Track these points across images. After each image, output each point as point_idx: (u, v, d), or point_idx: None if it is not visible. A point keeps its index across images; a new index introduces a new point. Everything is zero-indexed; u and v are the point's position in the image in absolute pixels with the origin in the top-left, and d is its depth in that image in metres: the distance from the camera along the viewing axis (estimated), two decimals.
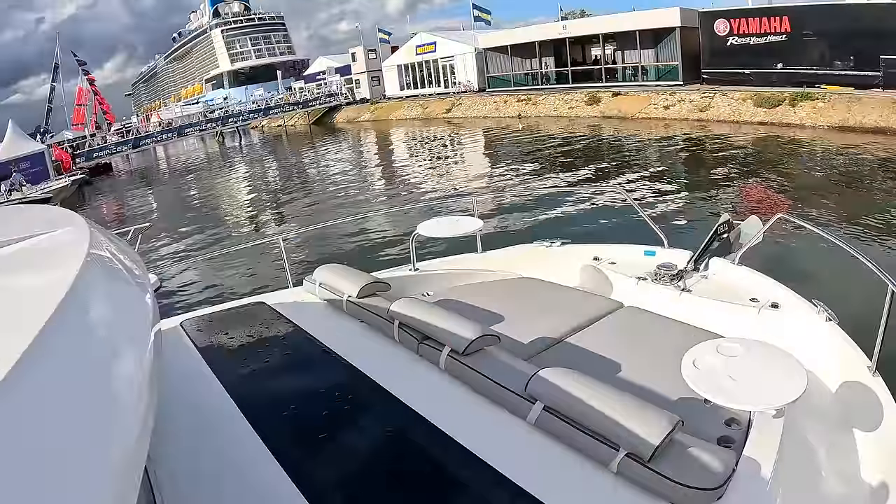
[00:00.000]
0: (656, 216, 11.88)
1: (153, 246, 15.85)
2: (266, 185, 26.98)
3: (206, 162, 41.88)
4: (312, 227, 10.75)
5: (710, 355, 2.58)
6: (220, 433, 2.48)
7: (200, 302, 9.82)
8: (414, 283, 4.72)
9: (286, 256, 4.90)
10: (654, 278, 4.47)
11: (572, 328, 3.79)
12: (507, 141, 27.14)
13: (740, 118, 22.50)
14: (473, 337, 2.77)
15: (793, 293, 3.84)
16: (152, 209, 25.40)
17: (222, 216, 19.59)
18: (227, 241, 14.63)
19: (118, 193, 32.15)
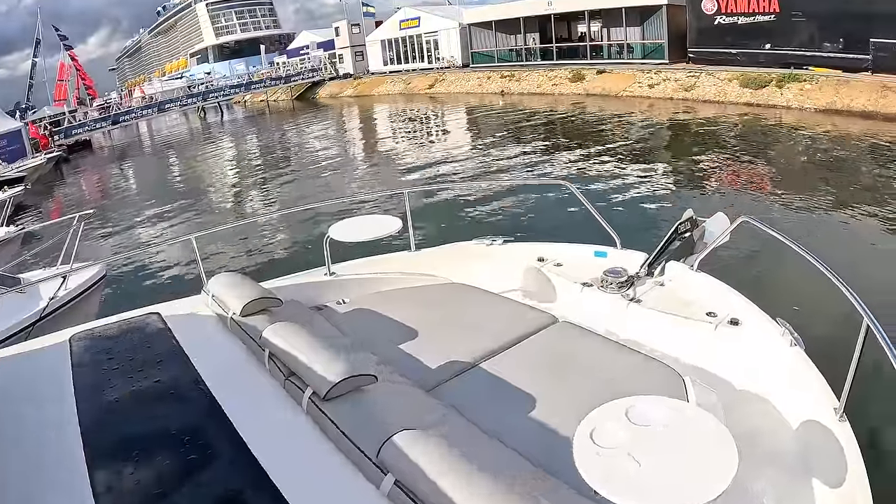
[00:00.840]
0: (626, 202, 11.68)
1: (112, 229, 15.59)
2: (242, 162, 26.56)
3: (186, 138, 41.33)
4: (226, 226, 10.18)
5: (615, 423, 2.01)
6: (50, 476, 2.22)
7: (143, 293, 9.52)
8: (329, 290, 4.37)
9: (199, 257, 4.39)
10: (601, 285, 4.09)
11: (493, 349, 3.41)
12: (489, 118, 26.79)
13: (726, 98, 22.17)
14: (337, 379, 2.41)
15: (755, 308, 3.48)
16: (125, 187, 25.15)
17: (193, 195, 19.10)
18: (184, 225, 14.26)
19: (95, 170, 31.69)
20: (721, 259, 3.96)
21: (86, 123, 40.81)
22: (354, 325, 3.84)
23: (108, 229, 15.94)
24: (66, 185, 28.12)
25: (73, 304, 7.54)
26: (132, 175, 28.71)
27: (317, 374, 2.46)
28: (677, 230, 4.25)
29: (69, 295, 7.49)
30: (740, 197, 11.53)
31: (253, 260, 10.79)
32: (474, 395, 2.96)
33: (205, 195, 19.15)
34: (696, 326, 3.53)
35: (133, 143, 43.18)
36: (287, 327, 2.86)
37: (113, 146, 42.42)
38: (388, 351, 3.43)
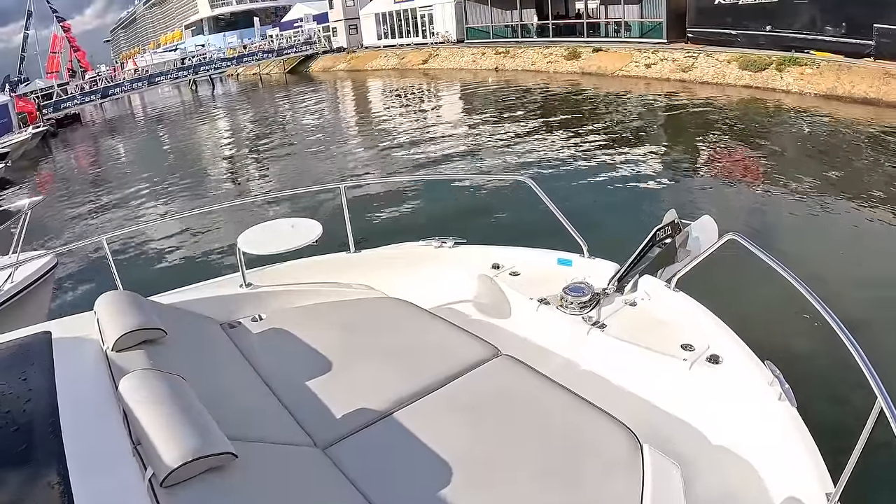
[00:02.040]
0: (609, 193, 11.16)
1: (72, 213, 15.21)
2: (231, 139, 25.95)
3: (176, 111, 40.58)
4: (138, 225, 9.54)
5: None
6: None
7: (93, 288, 9.05)
8: (245, 303, 3.85)
9: (112, 262, 3.89)
10: (560, 304, 3.56)
11: (415, 392, 2.88)
12: (482, 95, 26.18)
13: (724, 80, 21.51)
14: (175, 464, 1.89)
15: (740, 343, 2.96)
16: (110, 163, 24.54)
17: (177, 172, 18.65)
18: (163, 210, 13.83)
19: (83, 145, 31.10)
20: (704, 272, 3.42)
21: (75, 97, 40.13)
22: (264, 349, 3.37)
23: (86, 209, 15.51)
24: (52, 160, 27.60)
25: (22, 296, 7.18)
26: (119, 150, 28.17)
27: (156, 453, 1.96)
28: (655, 237, 3.73)
29: (15, 288, 7.13)
30: (736, 184, 11.04)
31: (175, 261, 10.13)
32: (378, 456, 2.51)
33: (189, 172, 18.60)
34: (667, 363, 3.05)
35: (123, 117, 42.51)
36: (147, 375, 2.34)
37: (103, 119, 41.83)
38: (291, 390, 2.98)
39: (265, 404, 2.84)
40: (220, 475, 2.00)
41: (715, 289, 4.03)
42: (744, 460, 2.62)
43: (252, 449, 2.29)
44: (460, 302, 4.07)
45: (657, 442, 2.70)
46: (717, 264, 3.48)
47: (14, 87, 44.76)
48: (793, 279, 2.61)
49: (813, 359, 4.05)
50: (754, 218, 9.14)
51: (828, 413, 2.72)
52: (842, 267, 7.21)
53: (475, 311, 4.01)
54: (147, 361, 2.64)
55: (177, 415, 2.11)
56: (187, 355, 2.95)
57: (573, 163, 13.47)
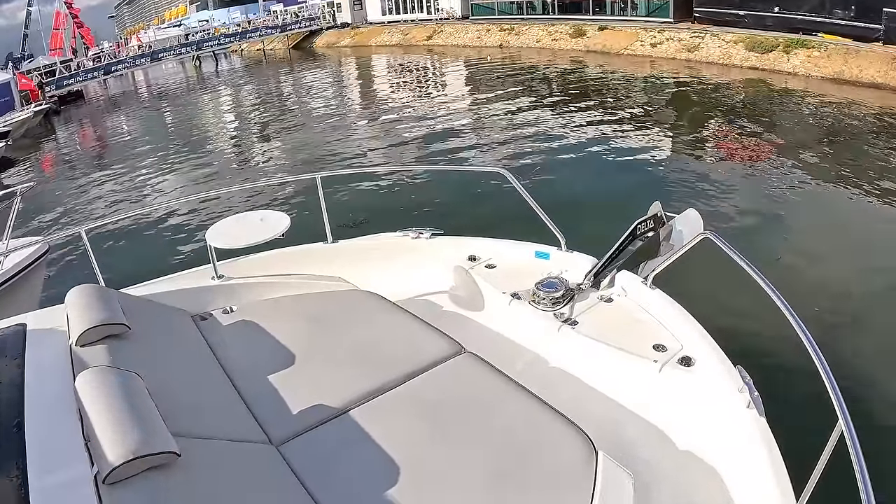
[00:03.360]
0: (604, 176, 11.07)
1: (72, 193, 15.21)
2: (234, 115, 25.92)
3: (179, 88, 40.41)
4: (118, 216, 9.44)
5: None
6: None
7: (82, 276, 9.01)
8: (217, 295, 3.85)
9: (92, 255, 3.92)
10: (533, 299, 3.50)
11: (374, 389, 2.85)
12: (486, 73, 25.98)
13: (730, 61, 21.29)
14: (118, 461, 1.90)
15: (713, 345, 2.89)
16: (112, 140, 24.47)
17: (179, 149, 18.61)
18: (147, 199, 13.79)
19: (85, 123, 31.01)
20: (683, 270, 3.34)
21: (77, 74, 39.96)
22: (231, 342, 3.35)
23: (86, 188, 15.51)
24: (54, 138, 27.53)
25: (13, 283, 7.19)
26: (122, 127, 28.06)
27: (101, 450, 1.98)
28: (636, 230, 3.64)
29: (5, 275, 7.13)
30: (737, 169, 10.91)
31: (156, 251, 9.99)
32: (330, 454, 2.49)
33: (191, 150, 18.55)
34: (637, 363, 2.99)
35: (127, 94, 42.31)
36: (96, 375, 2.33)
37: (107, 96, 41.64)
38: (252, 385, 2.97)
39: (224, 399, 2.82)
40: (163, 473, 2.01)
41: (693, 287, 3.98)
42: (708, 468, 2.59)
43: (201, 446, 2.29)
44: (434, 294, 4.03)
45: (621, 445, 2.68)
46: (698, 262, 3.42)
47: (17, 64, 44.56)
48: (766, 285, 2.55)
49: (784, 367, 3.98)
50: (755, 203, 9.03)
51: (796, 424, 2.67)
52: (843, 252, 7.15)
53: (449, 303, 3.97)
54: (107, 357, 2.65)
55: (124, 413, 2.12)
56: (150, 350, 2.94)
57: (569, 145, 13.38)
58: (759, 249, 7.10)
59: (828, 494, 2.10)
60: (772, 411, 2.49)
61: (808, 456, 2.05)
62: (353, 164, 12.91)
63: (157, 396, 2.36)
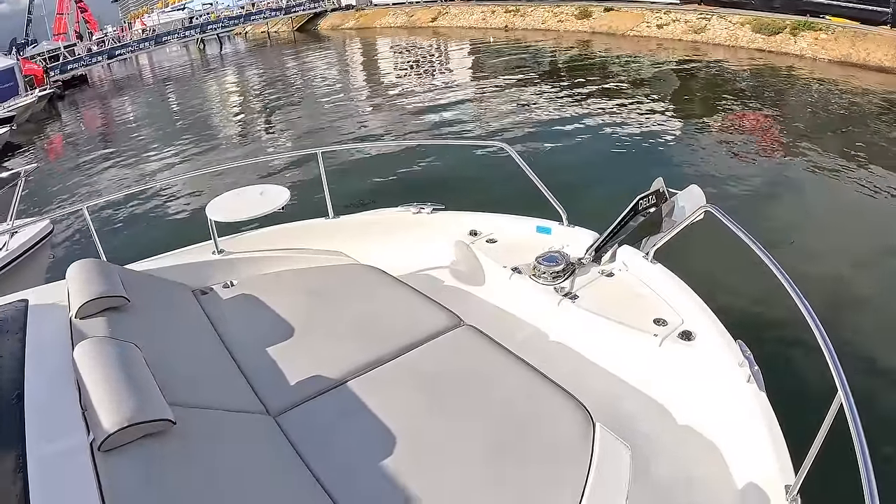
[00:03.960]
0: (607, 155, 10.98)
1: (76, 175, 15.24)
2: (238, 98, 25.76)
3: (184, 71, 40.31)
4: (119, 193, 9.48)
5: None
6: None
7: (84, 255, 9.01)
8: (217, 270, 3.88)
9: (94, 231, 4.01)
10: (533, 273, 3.51)
11: (370, 361, 2.85)
12: (491, 55, 25.73)
13: (737, 43, 21.04)
14: (112, 429, 1.93)
15: (713, 320, 2.89)
16: (116, 123, 24.47)
17: (184, 132, 18.61)
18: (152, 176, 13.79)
19: (89, 107, 31.00)
20: (685, 245, 3.33)
21: (81, 58, 39.93)
22: (231, 315, 3.37)
23: (90, 170, 15.54)
24: (58, 122, 27.58)
25: (18, 263, 7.24)
26: (126, 110, 28.05)
27: (97, 418, 2.00)
28: (638, 206, 3.62)
29: (10, 255, 7.19)
30: (742, 150, 10.80)
31: (159, 227, 10.11)
32: (327, 425, 2.51)
33: (196, 132, 18.56)
34: (637, 337, 2.98)
35: (131, 78, 42.25)
36: (94, 346, 2.36)
37: (111, 80, 41.59)
38: (251, 357, 2.99)
39: (222, 371, 2.85)
40: (158, 441, 2.03)
41: (695, 262, 3.96)
42: (707, 442, 2.59)
43: (198, 416, 2.31)
44: (436, 269, 4.05)
45: (620, 419, 2.68)
46: (700, 237, 3.41)
47: (21, 49, 44.44)
48: (768, 259, 2.53)
49: (785, 341, 3.99)
50: (759, 183, 8.99)
51: (796, 399, 2.66)
52: (847, 232, 7.13)
53: (450, 277, 3.98)
54: (106, 328, 2.68)
55: (121, 381, 2.14)
56: (150, 322, 2.97)
57: (572, 124, 13.30)
58: (763, 230, 7.06)
59: (826, 469, 2.10)
60: (772, 386, 2.49)
61: (807, 430, 2.04)
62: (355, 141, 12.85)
63: (155, 367, 2.38)
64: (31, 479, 1.89)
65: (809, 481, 2.06)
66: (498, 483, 2.17)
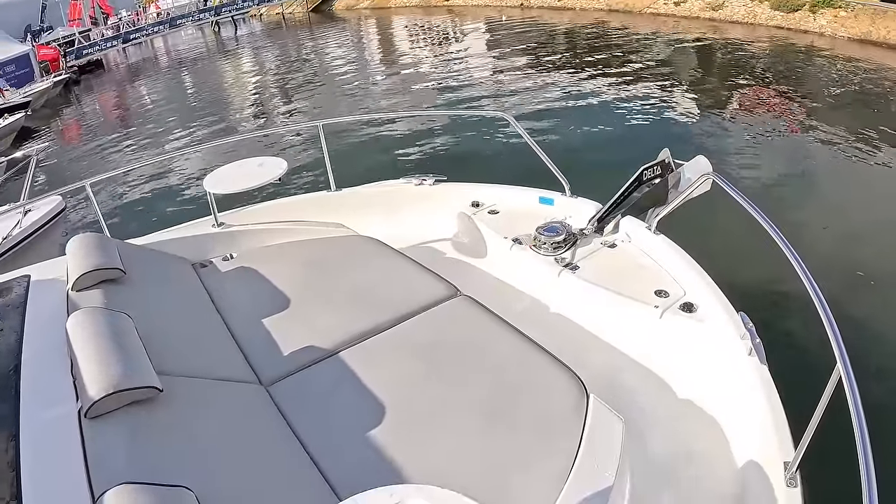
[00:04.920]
0: (618, 129, 10.86)
1: (92, 157, 15.33)
2: (254, 80, 25.75)
3: (199, 54, 40.27)
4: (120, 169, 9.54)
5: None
6: None
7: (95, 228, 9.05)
8: (217, 243, 3.90)
9: (98, 206, 4.11)
10: (534, 244, 3.48)
11: (365, 331, 2.84)
12: (508, 34, 25.44)
13: (755, 20, 20.65)
14: (98, 395, 1.94)
15: (716, 291, 2.83)
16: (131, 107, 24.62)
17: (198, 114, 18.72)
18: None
19: (104, 91, 31.23)
20: (689, 215, 3.27)
21: (96, 43, 40.09)
22: (229, 287, 3.38)
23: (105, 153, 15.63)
24: (74, 107, 27.79)
25: (32, 240, 7.34)
26: (141, 94, 28.17)
27: (84, 386, 2.02)
28: (642, 176, 3.53)
29: (24, 233, 7.28)
30: (757, 127, 10.63)
31: (165, 202, 10.22)
32: (319, 395, 2.50)
33: (210, 113, 18.68)
34: (638, 309, 2.93)
35: (146, 61, 42.32)
36: (87, 316, 2.37)
37: (126, 64, 41.74)
38: (247, 328, 2.98)
39: (216, 341, 2.85)
40: (145, 408, 2.05)
41: (699, 233, 3.89)
42: (706, 416, 2.54)
43: (188, 384, 2.32)
44: (437, 241, 4.03)
45: (618, 391, 2.64)
46: (704, 209, 3.34)
47: (36, 35, 44.65)
48: (772, 230, 2.47)
49: (788, 315, 3.93)
50: (773, 161, 8.85)
51: (797, 373, 2.58)
52: (858, 210, 7.01)
53: (452, 249, 3.97)
54: (101, 299, 2.70)
55: (111, 350, 2.16)
56: (146, 294, 2.98)
57: (583, 99, 13.28)
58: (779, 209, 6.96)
59: (827, 445, 2.05)
60: (774, 359, 2.43)
61: (808, 405, 1.99)
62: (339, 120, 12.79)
63: (147, 338, 2.39)
64: (23, 446, 1.91)
65: (808, 457, 2.02)
66: (489, 452, 2.15)
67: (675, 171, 3.58)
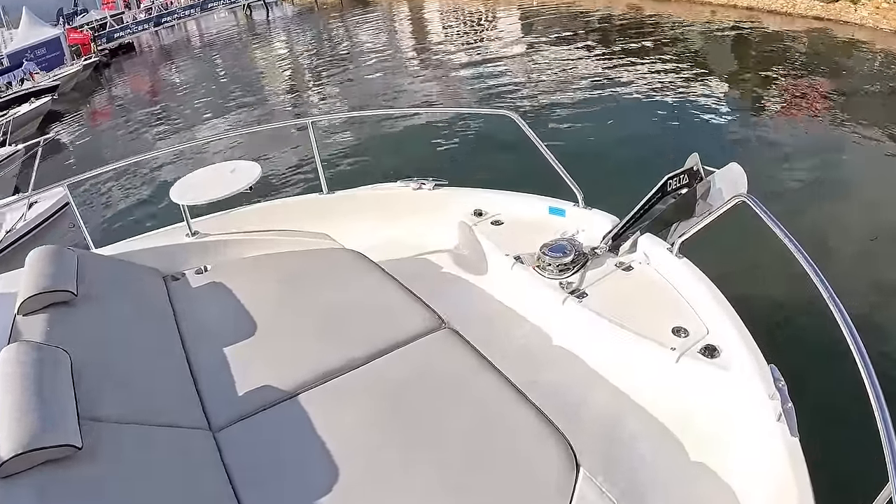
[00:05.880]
0: (644, 126, 10.27)
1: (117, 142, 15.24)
2: (286, 64, 25.69)
3: (230, 37, 40.26)
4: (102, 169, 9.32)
5: None
6: None
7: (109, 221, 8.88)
8: (191, 254, 3.54)
9: (79, 216, 3.86)
10: (538, 264, 3.04)
11: (334, 368, 2.47)
12: (538, 18, 25.05)
13: (794, 10, 19.78)
14: (5, 456, 1.67)
15: (744, 334, 2.36)
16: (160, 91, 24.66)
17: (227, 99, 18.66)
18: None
19: (134, 75, 31.42)
20: (719, 237, 2.84)
21: (128, 26, 40.35)
22: (197, 306, 3.04)
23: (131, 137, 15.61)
24: (103, 90, 27.93)
25: (36, 233, 7.19)
26: (171, 77, 28.25)
27: None
28: (666, 185, 3.08)
29: (28, 225, 7.13)
30: (792, 126, 10.09)
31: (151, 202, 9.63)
32: (273, 443, 2.19)
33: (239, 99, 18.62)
34: (651, 349, 2.49)
35: (178, 44, 42.40)
36: (16, 352, 2.06)
37: (158, 48, 41.86)
38: (207, 358, 2.65)
39: (169, 375, 2.53)
40: (62, 467, 1.78)
41: (728, 256, 3.45)
42: (721, 484, 2.11)
43: (121, 433, 2.03)
44: (434, 252, 3.64)
45: (619, 444, 2.27)
46: (736, 229, 2.92)
47: (69, 19, 44.96)
48: (809, 267, 2.05)
49: (830, 377, 3.28)
50: (812, 164, 8.32)
51: (834, 451, 2.17)
52: None
53: (449, 263, 3.56)
54: (42, 328, 2.41)
55: (31, 399, 1.87)
56: (99, 318, 2.67)
57: (608, 91, 12.83)
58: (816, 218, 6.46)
59: None
60: (806, 428, 1.99)
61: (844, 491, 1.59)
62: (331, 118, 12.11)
63: (85, 375, 2.10)
64: None
65: None
66: None
67: (705, 180, 3.13)
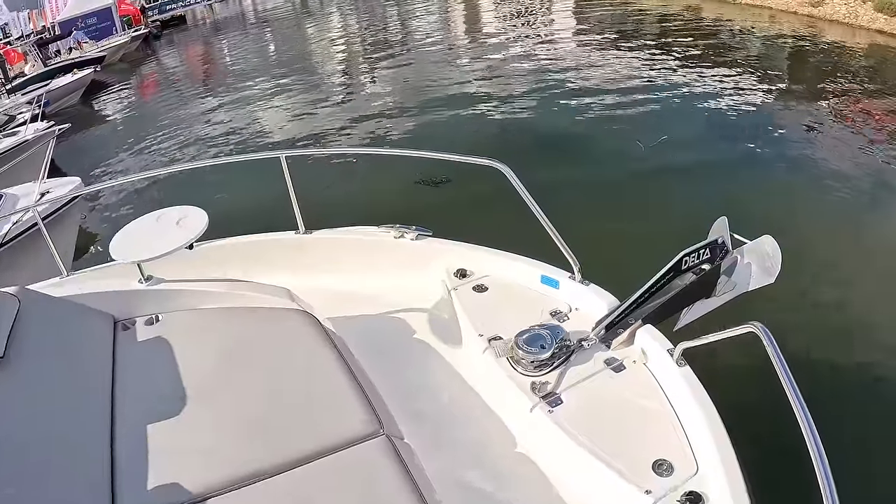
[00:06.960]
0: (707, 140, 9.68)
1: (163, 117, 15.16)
2: (340, 41, 25.55)
3: (286, 12, 40.21)
4: None
5: None
6: None
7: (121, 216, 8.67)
8: (144, 301, 3.14)
9: (51, 242, 3.54)
10: (511, 356, 2.56)
11: (247, 474, 2.11)
12: (593, 14, 24.37)
13: (856, 22, 18.82)
14: None
15: (740, 484, 1.90)
16: (209, 65, 24.71)
17: (278, 78, 18.56)
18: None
19: (184, 48, 31.65)
20: None
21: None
22: (136, 367, 2.74)
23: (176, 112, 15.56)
24: (152, 62, 28.06)
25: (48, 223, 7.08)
26: (221, 52, 28.31)
27: None
28: (680, 265, 2.57)
29: (42, 213, 7.02)
30: (862, 149, 9.38)
31: None
32: None
33: (290, 77, 18.56)
34: (622, 487, 2.04)
35: (230, 18, 42.44)
36: None
37: (212, 21, 41.97)
38: (128, 435, 2.34)
39: (75, 464, 2.19)
40: None
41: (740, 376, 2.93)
42: None
43: None
44: (408, 311, 3.26)
45: None
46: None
47: None
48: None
49: None
50: (870, 194, 7.74)
51: None
52: None
53: (424, 326, 3.16)
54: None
55: None
56: (20, 386, 2.37)
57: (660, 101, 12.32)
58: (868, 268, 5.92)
59: None
60: None
61: None
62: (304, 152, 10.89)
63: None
64: None
65: None
66: None
67: (731, 255, 2.64)
